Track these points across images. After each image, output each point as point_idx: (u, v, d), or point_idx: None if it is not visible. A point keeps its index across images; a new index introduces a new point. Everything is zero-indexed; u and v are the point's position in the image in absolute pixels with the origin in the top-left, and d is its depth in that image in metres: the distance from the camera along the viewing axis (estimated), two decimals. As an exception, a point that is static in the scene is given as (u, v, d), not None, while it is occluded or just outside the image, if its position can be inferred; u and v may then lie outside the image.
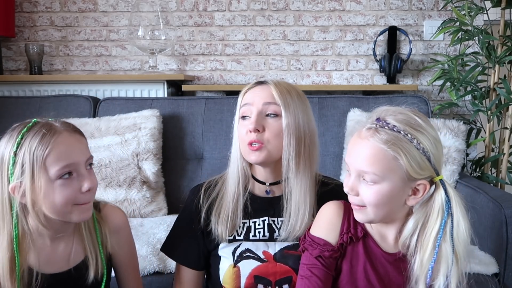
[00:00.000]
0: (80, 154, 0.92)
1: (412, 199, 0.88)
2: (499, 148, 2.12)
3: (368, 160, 0.86)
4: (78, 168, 0.91)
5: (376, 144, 0.86)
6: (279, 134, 1.02)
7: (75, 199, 0.90)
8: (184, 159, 1.93)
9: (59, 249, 0.98)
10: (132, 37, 2.29)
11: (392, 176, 0.85)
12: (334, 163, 1.87)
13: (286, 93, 1.04)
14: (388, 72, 2.30)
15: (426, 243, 0.87)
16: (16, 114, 1.96)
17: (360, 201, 0.89)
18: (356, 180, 0.89)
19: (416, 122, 0.88)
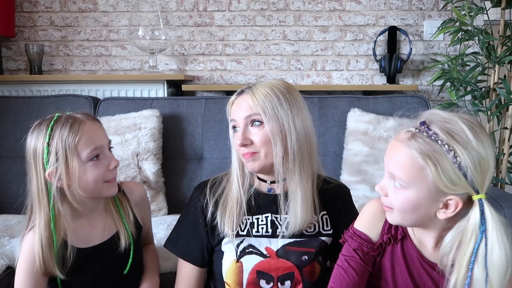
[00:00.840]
0: (103, 138, 1.09)
1: (442, 213, 0.85)
2: (499, 148, 2.12)
3: (397, 164, 0.84)
4: (103, 150, 1.07)
5: (409, 150, 0.83)
6: (267, 141, 1.05)
7: (104, 177, 1.07)
8: (184, 159, 1.93)
9: (94, 225, 1.13)
10: (132, 37, 2.29)
11: (419, 185, 0.83)
12: (334, 163, 1.87)
13: (263, 99, 1.05)
14: (388, 72, 2.30)
15: (461, 264, 0.83)
16: (16, 114, 1.96)
17: (388, 202, 0.88)
18: (387, 180, 0.88)
19: (463, 133, 0.81)
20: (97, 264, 1.11)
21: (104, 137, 1.10)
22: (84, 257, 1.09)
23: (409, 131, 0.85)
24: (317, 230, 1.10)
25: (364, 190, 1.74)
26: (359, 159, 1.77)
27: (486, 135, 0.83)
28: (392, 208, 0.88)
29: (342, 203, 1.14)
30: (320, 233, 1.10)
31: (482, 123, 0.96)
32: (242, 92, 1.10)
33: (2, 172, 1.91)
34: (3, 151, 1.93)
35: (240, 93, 1.10)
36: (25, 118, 1.96)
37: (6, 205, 1.87)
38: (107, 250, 1.12)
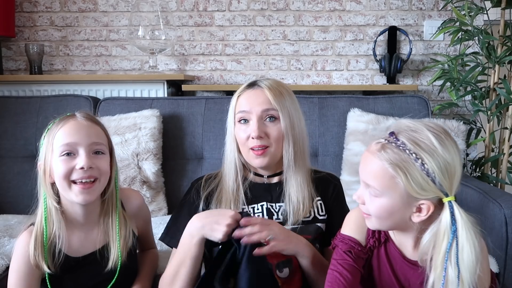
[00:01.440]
0: (83, 137, 1.04)
1: (416, 217, 0.89)
2: (499, 148, 2.12)
3: (370, 174, 0.89)
4: (78, 149, 1.03)
5: (379, 161, 0.88)
6: (280, 137, 1.09)
7: (71, 175, 1.02)
8: (184, 159, 1.93)
9: (87, 235, 1.10)
10: (132, 37, 2.29)
11: (391, 193, 0.87)
12: (334, 163, 1.87)
13: (279, 96, 1.09)
14: (388, 72, 2.30)
15: (436, 263, 0.88)
16: (16, 114, 1.96)
17: (366, 209, 0.93)
18: (363, 189, 0.93)
19: (429, 141, 0.86)
20: (83, 274, 1.09)
21: (85, 136, 1.04)
22: (72, 265, 1.07)
23: (379, 142, 0.90)
24: (313, 216, 1.13)
25: (364, 190, 1.74)
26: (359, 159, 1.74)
27: (452, 141, 0.88)
28: (370, 215, 0.92)
29: (333, 188, 1.18)
30: (316, 218, 1.13)
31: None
32: (253, 85, 1.11)
33: (2, 172, 1.91)
34: (3, 151, 1.93)
35: (251, 86, 1.11)
36: (25, 118, 1.96)
37: (6, 205, 1.87)
38: (94, 262, 1.09)
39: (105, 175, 1.07)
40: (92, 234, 1.11)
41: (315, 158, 1.89)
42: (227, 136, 1.15)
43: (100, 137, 1.08)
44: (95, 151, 1.06)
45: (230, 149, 1.14)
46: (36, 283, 1.05)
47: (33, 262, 1.03)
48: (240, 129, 1.10)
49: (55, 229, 1.05)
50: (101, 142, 1.07)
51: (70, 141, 1.03)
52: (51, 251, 1.05)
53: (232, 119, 1.12)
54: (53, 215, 1.05)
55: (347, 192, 1.75)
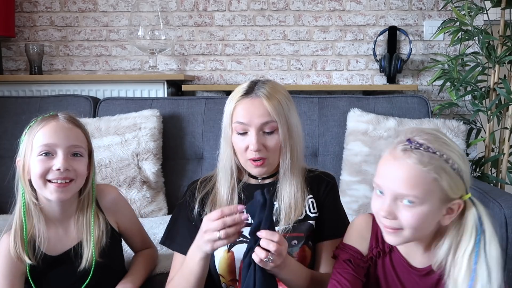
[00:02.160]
0: (62, 139, 1.05)
1: (447, 219, 0.88)
2: (499, 148, 2.12)
3: (407, 183, 0.84)
4: (56, 150, 1.05)
5: (415, 166, 0.83)
6: (278, 148, 1.08)
7: (47, 175, 1.04)
8: (184, 159, 1.93)
9: (63, 233, 1.11)
10: (132, 37, 2.29)
11: (432, 197, 0.84)
12: (334, 163, 1.87)
13: (278, 105, 1.06)
14: (388, 72, 2.30)
15: (460, 263, 0.86)
16: (16, 114, 1.96)
17: (397, 224, 0.87)
18: (392, 203, 0.86)
19: (444, 140, 0.87)
20: (61, 272, 1.09)
21: (65, 138, 1.05)
22: (51, 263, 1.08)
23: (405, 149, 0.86)
24: (304, 214, 1.13)
25: (364, 190, 1.74)
26: (359, 159, 1.77)
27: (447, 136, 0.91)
28: (402, 229, 0.87)
29: (326, 186, 1.17)
30: (308, 216, 1.13)
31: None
32: (250, 92, 1.08)
33: (2, 172, 1.91)
34: (3, 151, 1.93)
35: (248, 94, 1.08)
36: (25, 118, 1.96)
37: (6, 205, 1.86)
38: (69, 260, 1.09)
39: (82, 177, 1.08)
40: (69, 232, 1.12)
41: (315, 158, 1.89)
42: (223, 139, 1.14)
43: (80, 140, 1.09)
44: (73, 153, 1.07)
45: (226, 153, 1.13)
46: (19, 282, 1.06)
47: (14, 255, 1.04)
48: (238, 138, 1.09)
49: (34, 223, 1.07)
50: (80, 145, 1.08)
51: (49, 142, 1.04)
52: (30, 246, 1.06)
53: (229, 125, 1.10)
54: (32, 210, 1.07)
55: (347, 192, 1.76)
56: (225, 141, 1.13)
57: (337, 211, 1.19)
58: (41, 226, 1.07)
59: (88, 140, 1.13)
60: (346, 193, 1.75)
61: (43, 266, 1.07)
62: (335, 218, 1.17)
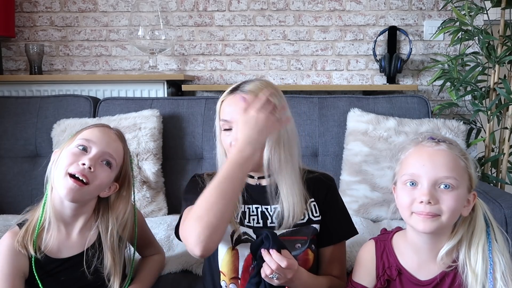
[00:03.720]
0: (102, 142, 1.07)
1: (466, 210, 0.95)
2: (499, 148, 2.12)
3: (448, 166, 0.91)
4: (91, 149, 1.06)
5: (452, 152, 0.93)
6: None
7: (71, 165, 1.03)
8: (184, 159, 1.93)
9: (69, 238, 1.10)
10: (132, 37, 2.29)
11: (463, 183, 0.93)
12: (334, 163, 1.87)
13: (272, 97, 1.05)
14: (388, 72, 2.30)
15: (475, 255, 0.92)
16: (16, 114, 1.96)
17: (437, 209, 0.91)
18: (432, 189, 0.91)
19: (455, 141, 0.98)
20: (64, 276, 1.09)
21: (103, 143, 1.07)
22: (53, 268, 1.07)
23: (433, 141, 0.95)
24: (307, 217, 1.12)
25: (364, 190, 1.74)
26: (359, 159, 1.77)
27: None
28: (439, 215, 0.92)
29: (327, 189, 1.16)
30: (311, 220, 1.12)
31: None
32: (236, 89, 1.10)
33: (2, 172, 1.91)
34: (3, 151, 1.93)
35: (233, 92, 1.10)
36: (25, 118, 1.96)
37: (6, 205, 1.87)
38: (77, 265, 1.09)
39: (98, 186, 1.07)
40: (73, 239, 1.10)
41: (315, 158, 1.89)
42: (217, 139, 1.14)
43: (117, 153, 1.10)
44: (105, 160, 1.08)
45: (220, 153, 1.14)
46: (20, 283, 1.05)
47: (20, 245, 1.04)
48: (225, 135, 1.09)
49: (47, 219, 1.06)
50: (115, 157, 1.09)
51: (91, 138, 1.07)
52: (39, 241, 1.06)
53: (218, 124, 1.11)
54: (48, 205, 1.07)
55: (347, 192, 1.76)
56: (217, 140, 1.14)
57: (341, 213, 1.18)
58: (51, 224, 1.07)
59: (125, 159, 1.14)
60: (346, 193, 1.75)
61: (44, 266, 1.07)
62: (340, 221, 1.16)
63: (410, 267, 1.00)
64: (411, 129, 1.78)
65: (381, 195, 1.72)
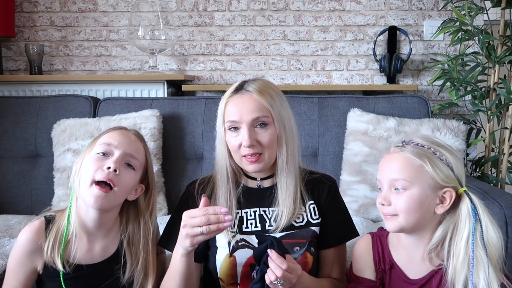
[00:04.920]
0: (123, 144, 1.07)
1: (440, 208, 0.96)
2: (499, 148, 2.12)
3: (398, 169, 0.97)
4: (113, 153, 1.05)
5: (404, 155, 0.97)
6: (273, 142, 1.07)
7: (95, 173, 1.02)
8: (184, 159, 1.93)
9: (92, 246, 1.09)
10: (132, 37, 2.29)
11: (420, 182, 0.95)
12: (334, 163, 1.87)
13: (270, 99, 1.06)
14: (388, 72, 2.30)
15: (458, 250, 0.93)
16: (16, 114, 1.96)
17: (392, 210, 0.98)
18: (388, 191, 0.99)
19: (437, 142, 0.99)
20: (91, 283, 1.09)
21: (123, 146, 1.07)
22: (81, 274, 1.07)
23: (397, 146, 1.00)
24: (306, 220, 1.11)
25: (364, 190, 1.74)
26: (359, 159, 1.77)
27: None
28: (397, 215, 0.97)
29: (328, 191, 1.15)
30: (310, 223, 1.11)
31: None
32: (240, 89, 1.09)
33: (2, 172, 1.91)
34: (3, 151, 1.93)
35: (238, 91, 1.09)
36: (25, 118, 1.96)
37: (6, 205, 1.87)
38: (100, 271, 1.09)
39: (123, 190, 1.06)
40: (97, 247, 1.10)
41: (315, 158, 1.89)
42: (217, 141, 1.13)
43: (139, 153, 1.10)
44: (128, 162, 1.07)
45: (221, 155, 1.12)
46: (31, 281, 1.06)
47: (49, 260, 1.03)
48: (231, 136, 1.08)
49: (73, 230, 1.05)
50: (137, 157, 1.09)
51: (110, 142, 1.06)
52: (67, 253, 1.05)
53: (222, 125, 1.10)
54: (72, 216, 1.06)
55: (347, 192, 1.76)
56: (219, 142, 1.12)
57: (341, 216, 1.17)
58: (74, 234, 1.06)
59: (147, 159, 1.13)
60: (346, 193, 1.75)
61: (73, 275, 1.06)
62: (340, 224, 1.15)
63: (402, 263, 1.02)
64: (411, 129, 1.78)
65: (381, 195, 1.72)
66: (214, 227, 0.93)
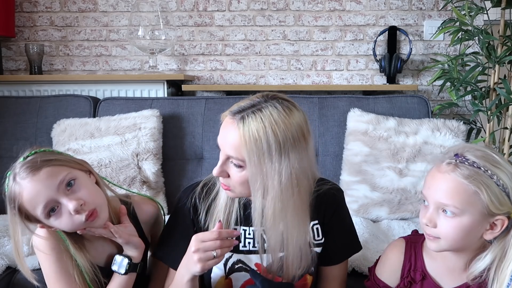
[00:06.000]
0: (49, 192, 0.93)
1: (489, 234, 0.91)
2: (499, 148, 2.12)
3: (448, 193, 0.88)
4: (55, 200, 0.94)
5: (457, 178, 0.88)
6: (244, 183, 0.94)
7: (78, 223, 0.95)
8: (184, 159, 1.93)
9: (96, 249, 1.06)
10: (132, 37, 2.29)
11: (472, 210, 0.88)
12: (334, 163, 1.87)
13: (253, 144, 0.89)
14: (388, 72, 2.30)
15: (503, 278, 0.89)
16: (16, 114, 1.96)
17: (436, 233, 0.91)
18: (434, 212, 0.91)
19: (494, 159, 0.90)
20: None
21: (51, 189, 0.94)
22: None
23: (450, 163, 0.90)
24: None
25: (364, 190, 1.74)
26: (359, 159, 1.77)
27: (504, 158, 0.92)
28: (439, 238, 0.91)
29: (335, 208, 1.08)
30: (311, 244, 1.04)
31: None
32: (238, 113, 0.93)
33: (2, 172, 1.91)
34: (3, 151, 1.93)
35: (235, 114, 0.93)
36: (25, 118, 1.96)
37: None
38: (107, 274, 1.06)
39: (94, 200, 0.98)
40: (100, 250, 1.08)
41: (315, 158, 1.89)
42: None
43: (61, 172, 0.96)
44: (67, 184, 0.95)
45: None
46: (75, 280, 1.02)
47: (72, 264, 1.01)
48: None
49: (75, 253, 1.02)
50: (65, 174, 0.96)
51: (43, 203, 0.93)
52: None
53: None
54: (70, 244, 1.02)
55: (347, 192, 1.75)
56: None
57: (346, 232, 1.11)
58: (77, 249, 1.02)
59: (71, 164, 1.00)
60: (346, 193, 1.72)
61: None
62: (344, 242, 1.10)
63: (436, 273, 0.99)
64: (411, 129, 1.78)
65: (381, 195, 1.72)
66: (225, 250, 0.91)
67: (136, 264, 1.03)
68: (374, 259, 1.18)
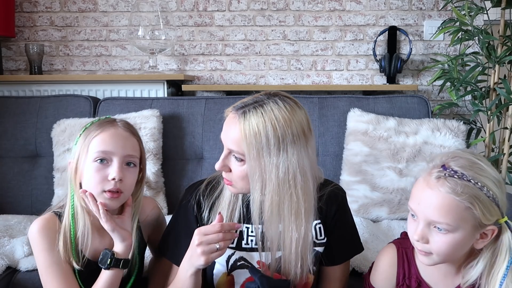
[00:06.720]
0: (119, 148, 1.04)
1: (480, 243, 0.90)
2: (499, 148, 2.12)
3: (442, 211, 0.86)
4: (112, 158, 1.03)
5: (449, 195, 0.85)
6: (245, 177, 0.96)
7: (102, 184, 1.02)
8: (184, 159, 1.93)
9: (103, 239, 1.08)
10: (132, 37, 2.29)
11: (465, 225, 0.86)
12: (334, 163, 1.87)
13: (253, 138, 0.91)
14: (388, 72, 2.30)
15: (493, 283, 0.89)
16: (16, 114, 1.96)
17: (428, 248, 0.89)
18: (425, 228, 0.89)
19: (479, 166, 0.88)
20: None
21: (121, 147, 1.04)
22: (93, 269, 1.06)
23: (439, 177, 0.87)
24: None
25: (364, 190, 1.74)
26: (359, 159, 1.77)
27: (485, 159, 0.91)
28: (431, 253, 0.90)
29: (337, 209, 1.08)
30: (314, 243, 1.05)
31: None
32: (239, 108, 0.95)
33: (2, 172, 1.91)
34: (3, 151, 1.93)
35: (237, 110, 0.96)
36: (25, 118, 1.96)
37: (6, 205, 1.87)
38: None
39: (130, 189, 1.07)
40: (106, 239, 1.09)
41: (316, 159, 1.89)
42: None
43: (135, 150, 1.07)
44: (127, 162, 1.05)
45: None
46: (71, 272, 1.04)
47: (64, 259, 1.03)
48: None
49: (80, 228, 1.04)
50: (135, 155, 1.07)
51: (107, 149, 1.03)
52: (77, 251, 1.05)
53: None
54: (79, 213, 1.05)
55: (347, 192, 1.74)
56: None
57: (348, 233, 1.12)
58: (86, 230, 1.05)
59: (142, 150, 1.11)
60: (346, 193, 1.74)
61: (86, 271, 1.05)
62: (346, 242, 1.10)
63: (430, 279, 0.98)
64: (411, 129, 1.78)
65: (381, 195, 1.72)
66: (228, 242, 0.92)
67: (119, 260, 1.03)
68: (374, 259, 1.17)
